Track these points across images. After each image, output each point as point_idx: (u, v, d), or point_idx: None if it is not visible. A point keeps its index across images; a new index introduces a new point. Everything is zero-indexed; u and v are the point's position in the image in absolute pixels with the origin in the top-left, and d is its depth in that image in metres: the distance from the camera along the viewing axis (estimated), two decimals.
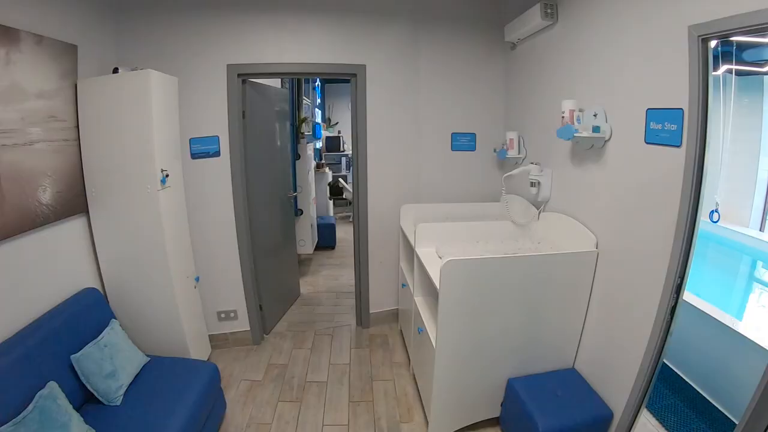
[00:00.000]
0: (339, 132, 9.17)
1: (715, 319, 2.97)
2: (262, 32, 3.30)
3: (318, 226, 6.22)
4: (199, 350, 3.20)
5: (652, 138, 2.12)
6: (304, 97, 5.82)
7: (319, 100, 7.89)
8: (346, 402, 3.03)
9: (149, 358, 2.66)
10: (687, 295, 2.93)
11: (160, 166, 2.73)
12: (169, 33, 3.14)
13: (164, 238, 2.78)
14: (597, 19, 2.49)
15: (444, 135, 3.82)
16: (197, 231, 3.34)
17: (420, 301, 3.00)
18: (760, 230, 6.06)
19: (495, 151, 3.84)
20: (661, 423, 2.72)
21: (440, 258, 2.72)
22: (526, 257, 2.45)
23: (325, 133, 8.60)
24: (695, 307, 3.05)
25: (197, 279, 3.23)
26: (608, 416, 2.38)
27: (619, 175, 2.39)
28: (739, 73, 5.11)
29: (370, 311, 4.01)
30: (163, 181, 2.74)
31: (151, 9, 3.09)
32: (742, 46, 4.46)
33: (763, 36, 3.70)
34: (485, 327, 2.47)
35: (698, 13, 1.80)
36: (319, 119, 7.80)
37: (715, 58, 1.86)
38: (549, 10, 2.87)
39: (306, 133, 5.59)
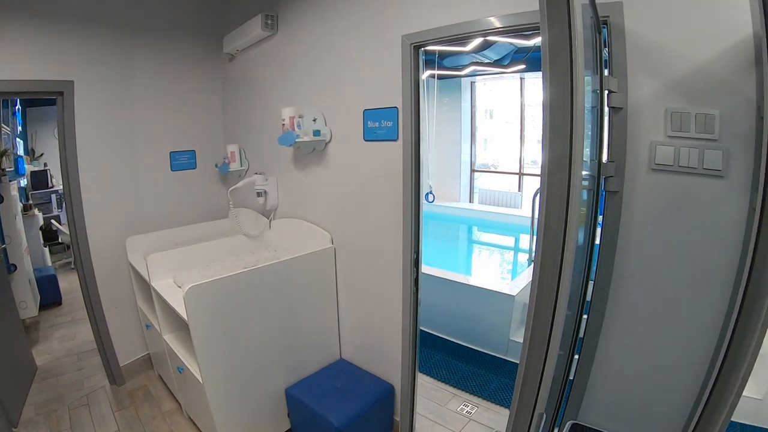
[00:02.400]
0: (45, 165, 7.64)
1: (451, 281, 3.58)
2: None
3: (37, 280, 5.25)
4: None
5: (370, 135, 2.36)
6: (2, 125, 4.82)
7: (20, 128, 6.61)
8: None
9: None
10: (425, 268, 3.45)
11: None
12: None
13: None
14: (317, 29, 2.62)
15: (162, 155, 3.51)
16: None
17: (171, 339, 2.75)
18: (470, 202, 7.57)
19: (217, 166, 3.71)
20: (436, 379, 3.14)
21: (180, 287, 2.55)
22: (265, 267, 2.46)
23: (29, 167, 7.03)
24: (434, 276, 3.60)
25: None
26: (390, 390, 2.56)
27: (343, 173, 2.59)
28: (440, 77, 6.16)
29: (121, 364, 3.49)
30: None
31: None
32: (443, 55, 5.36)
33: (461, 45, 4.52)
34: (247, 345, 2.42)
35: (410, 24, 2.07)
36: (21, 151, 6.54)
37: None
38: (270, 21, 2.90)
39: (8, 169, 4.55)
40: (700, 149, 1.41)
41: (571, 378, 1.78)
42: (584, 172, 1.42)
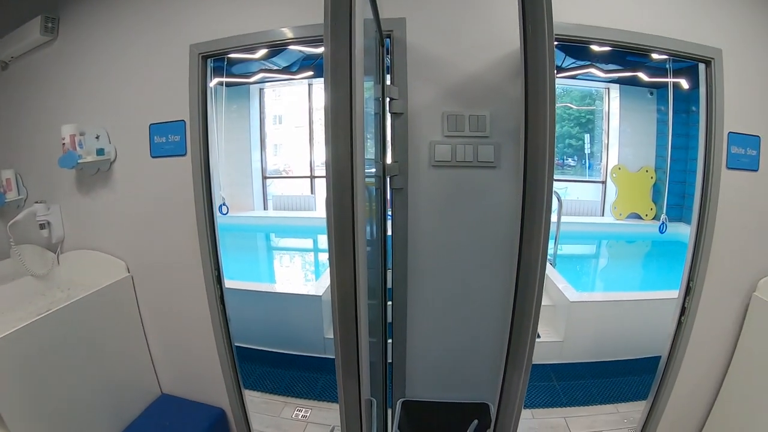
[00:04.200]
0: None
1: (259, 291, 3.62)
2: None
3: None
4: None
5: (158, 151, 2.24)
6: None
7: None
8: None
9: None
10: (231, 283, 3.38)
11: None
12: None
13: None
14: (101, 34, 2.37)
15: None
16: None
17: None
18: (265, 209, 7.47)
19: None
20: (263, 392, 3.09)
21: None
22: (60, 310, 2.17)
23: None
24: (241, 289, 3.58)
25: None
26: (221, 414, 2.47)
27: (132, 194, 2.42)
28: (228, 85, 5.98)
29: None
30: None
31: None
32: (232, 62, 5.21)
33: (250, 52, 4.42)
34: (62, 403, 2.13)
35: (199, 32, 2.00)
36: None
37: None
38: (50, 24, 2.49)
39: None
40: (474, 145, 1.68)
41: (390, 361, 1.95)
42: (371, 170, 1.56)
